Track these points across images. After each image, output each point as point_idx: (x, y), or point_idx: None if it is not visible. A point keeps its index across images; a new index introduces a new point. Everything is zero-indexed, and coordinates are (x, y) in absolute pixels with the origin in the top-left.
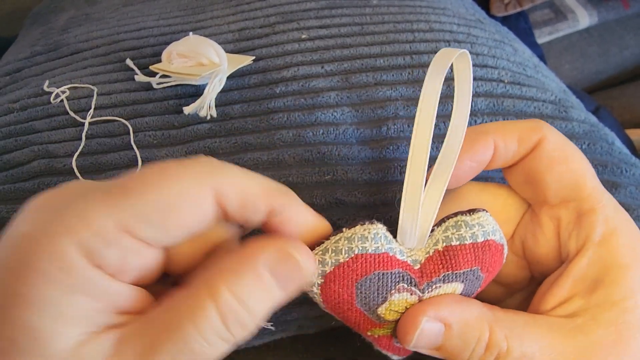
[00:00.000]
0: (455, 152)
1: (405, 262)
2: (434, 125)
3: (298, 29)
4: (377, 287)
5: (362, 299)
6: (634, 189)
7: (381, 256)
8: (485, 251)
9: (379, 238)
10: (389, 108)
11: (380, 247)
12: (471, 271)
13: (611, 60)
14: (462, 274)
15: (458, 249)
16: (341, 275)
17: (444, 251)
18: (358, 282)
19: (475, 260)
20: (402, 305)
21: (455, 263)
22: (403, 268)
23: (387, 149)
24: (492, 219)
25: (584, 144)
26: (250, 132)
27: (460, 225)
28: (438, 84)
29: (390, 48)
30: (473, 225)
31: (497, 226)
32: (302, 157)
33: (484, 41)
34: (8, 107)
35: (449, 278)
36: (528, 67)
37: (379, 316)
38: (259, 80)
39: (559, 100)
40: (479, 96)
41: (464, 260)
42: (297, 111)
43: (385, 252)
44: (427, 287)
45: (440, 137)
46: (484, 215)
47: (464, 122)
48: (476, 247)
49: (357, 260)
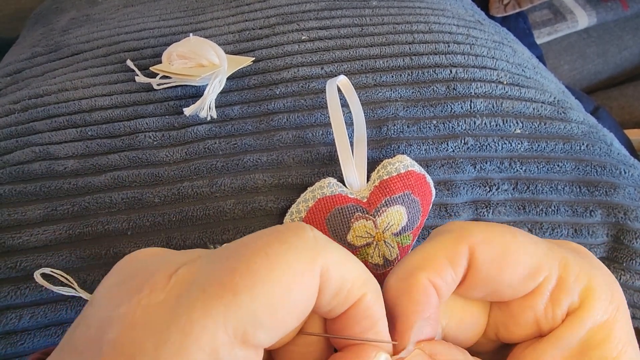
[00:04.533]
0: (361, 126)
1: (356, 198)
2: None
3: (298, 30)
4: (340, 219)
5: (333, 230)
6: (632, 190)
7: (337, 196)
8: (409, 178)
9: (332, 185)
10: (388, 109)
11: (334, 190)
12: (404, 194)
13: (610, 60)
14: (398, 197)
15: (389, 180)
16: (313, 216)
17: (379, 184)
18: (326, 218)
19: (404, 185)
20: (363, 229)
21: (389, 190)
22: (355, 202)
23: (387, 149)
24: (409, 159)
25: (582, 145)
26: (250, 133)
27: (385, 166)
28: (335, 92)
29: (390, 49)
30: (394, 163)
31: (414, 162)
32: (301, 158)
33: (483, 42)
34: (9, 107)
35: (389, 202)
36: (527, 68)
37: (349, 243)
38: (258, 81)
39: (558, 102)
40: (478, 97)
41: (395, 186)
42: (297, 112)
43: (339, 193)
44: (376, 212)
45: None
46: (401, 156)
47: (359, 110)
48: (402, 176)
49: (321, 202)
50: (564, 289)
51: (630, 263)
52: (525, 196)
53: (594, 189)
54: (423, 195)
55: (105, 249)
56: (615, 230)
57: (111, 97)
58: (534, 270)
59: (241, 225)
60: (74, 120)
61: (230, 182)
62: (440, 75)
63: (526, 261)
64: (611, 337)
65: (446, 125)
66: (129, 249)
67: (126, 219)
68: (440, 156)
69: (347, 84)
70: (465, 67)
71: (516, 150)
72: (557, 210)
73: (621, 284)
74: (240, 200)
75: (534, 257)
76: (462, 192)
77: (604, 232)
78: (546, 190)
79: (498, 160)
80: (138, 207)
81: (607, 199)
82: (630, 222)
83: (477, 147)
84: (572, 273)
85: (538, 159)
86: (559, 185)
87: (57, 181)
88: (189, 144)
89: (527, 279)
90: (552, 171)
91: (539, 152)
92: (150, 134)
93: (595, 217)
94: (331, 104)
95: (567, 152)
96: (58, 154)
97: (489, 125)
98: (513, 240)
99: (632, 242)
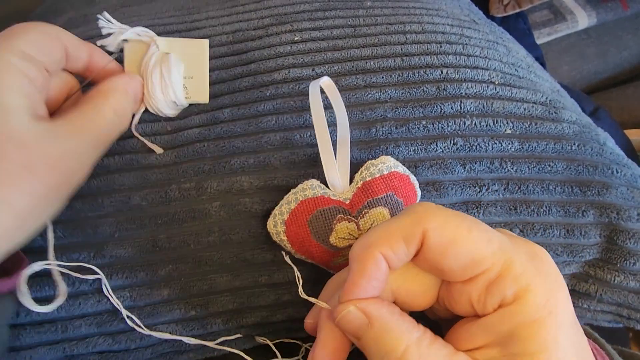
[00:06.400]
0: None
1: (338, 200)
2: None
3: (291, 30)
4: (322, 220)
5: (315, 232)
6: (625, 190)
7: (319, 198)
8: (392, 179)
9: (314, 187)
10: (377, 110)
11: (316, 192)
12: (387, 196)
13: (610, 60)
14: (381, 199)
15: (372, 182)
16: (295, 218)
17: (362, 186)
18: (308, 220)
19: (387, 187)
20: (345, 231)
21: (372, 191)
22: (337, 204)
23: (376, 150)
24: (393, 160)
25: (574, 145)
26: (239, 135)
27: (368, 167)
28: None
29: (382, 50)
30: (377, 164)
31: (399, 163)
32: (288, 160)
33: (477, 42)
34: None
35: (372, 204)
36: (520, 68)
37: (332, 245)
38: (250, 83)
39: (550, 102)
40: (468, 98)
41: (378, 188)
42: (286, 114)
43: (321, 195)
44: (358, 213)
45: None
46: (385, 157)
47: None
48: (384, 178)
49: (303, 204)
50: (500, 284)
51: (624, 264)
52: (517, 196)
53: (586, 189)
54: (407, 197)
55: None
56: (608, 231)
57: None
58: (474, 262)
59: (226, 226)
60: None
61: (217, 184)
62: (431, 75)
63: (469, 253)
64: (537, 336)
65: (435, 125)
66: (115, 252)
67: (114, 222)
68: (429, 157)
69: (330, 85)
70: (456, 68)
71: (507, 151)
72: (549, 210)
73: (615, 285)
74: (226, 203)
75: (479, 251)
76: (451, 193)
77: (596, 233)
78: (537, 190)
79: (488, 160)
80: (126, 210)
81: (599, 199)
82: (623, 222)
83: (467, 147)
84: (512, 273)
85: (529, 159)
86: (550, 185)
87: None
88: (179, 148)
89: (466, 268)
90: (543, 171)
91: (529, 152)
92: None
93: (587, 217)
94: (314, 106)
95: (558, 152)
96: None
97: (479, 126)
98: (464, 234)
99: (625, 242)
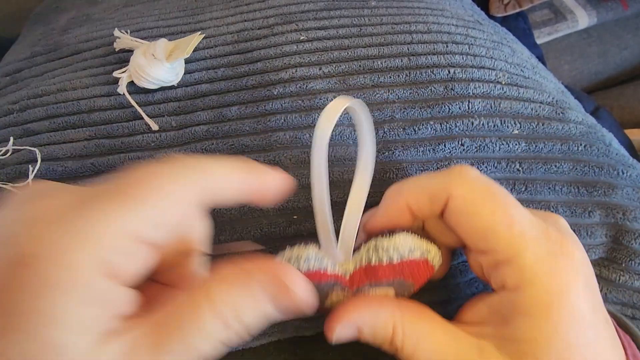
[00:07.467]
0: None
1: (336, 274)
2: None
3: (297, 30)
4: (317, 291)
5: None
6: (630, 190)
7: (314, 273)
8: (403, 268)
9: (310, 259)
10: (386, 111)
11: (311, 266)
12: (395, 281)
13: (610, 60)
14: (385, 282)
15: (377, 268)
16: None
17: (366, 268)
18: None
19: (395, 275)
20: (340, 297)
21: (376, 278)
22: (334, 279)
23: (384, 153)
24: (411, 239)
25: (580, 146)
26: (247, 134)
27: (377, 249)
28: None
29: (388, 50)
30: (389, 249)
31: (417, 244)
32: (298, 159)
33: (482, 42)
34: (8, 108)
35: (375, 284)
36: (526, 68)
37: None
38: (257, 81)
39: (556, 102)
40: (476, 97)
41: (383, 275)
42: (295, 113)
43: (317, 270)
44: (357, 291)
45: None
46: (400, 237)
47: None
48: (393, 267)
49: None
50: (506, 269)
51: (629, 263)
52: (523, 197)
53: (592, 190)
54: (419, 280)
55: None
56: (614, 231)
57: (110, 98)
58: (486, 241)
59: (238, 226)
60: (73, 121)
61: None
62: (438, 75)
63: (483, 232)
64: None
65: (443, 126)
66: None
67: None
68: (437, 158)
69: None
70: (463, 67)
71: (514, 151)
72: (556, 210)
73: (620, 285)
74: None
75: (494, 234)
76: None
77: (602, 233)
78: (544, 190)
79: (495, 161)
80: None
81: (605, 199)
82: (629, 223)
83: (474, 148)
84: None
85: (536, 160)
86: (557, 185)
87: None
88: (187, 145)
89: (477, 243)
90: (549, 172)
91: (536, 152)
92: (148, 135)
93: (594, 217)
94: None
95: (565, 152)
96: (57, 155)
97: (486, 126)
98: (485, 212)
99: (631, 242)
